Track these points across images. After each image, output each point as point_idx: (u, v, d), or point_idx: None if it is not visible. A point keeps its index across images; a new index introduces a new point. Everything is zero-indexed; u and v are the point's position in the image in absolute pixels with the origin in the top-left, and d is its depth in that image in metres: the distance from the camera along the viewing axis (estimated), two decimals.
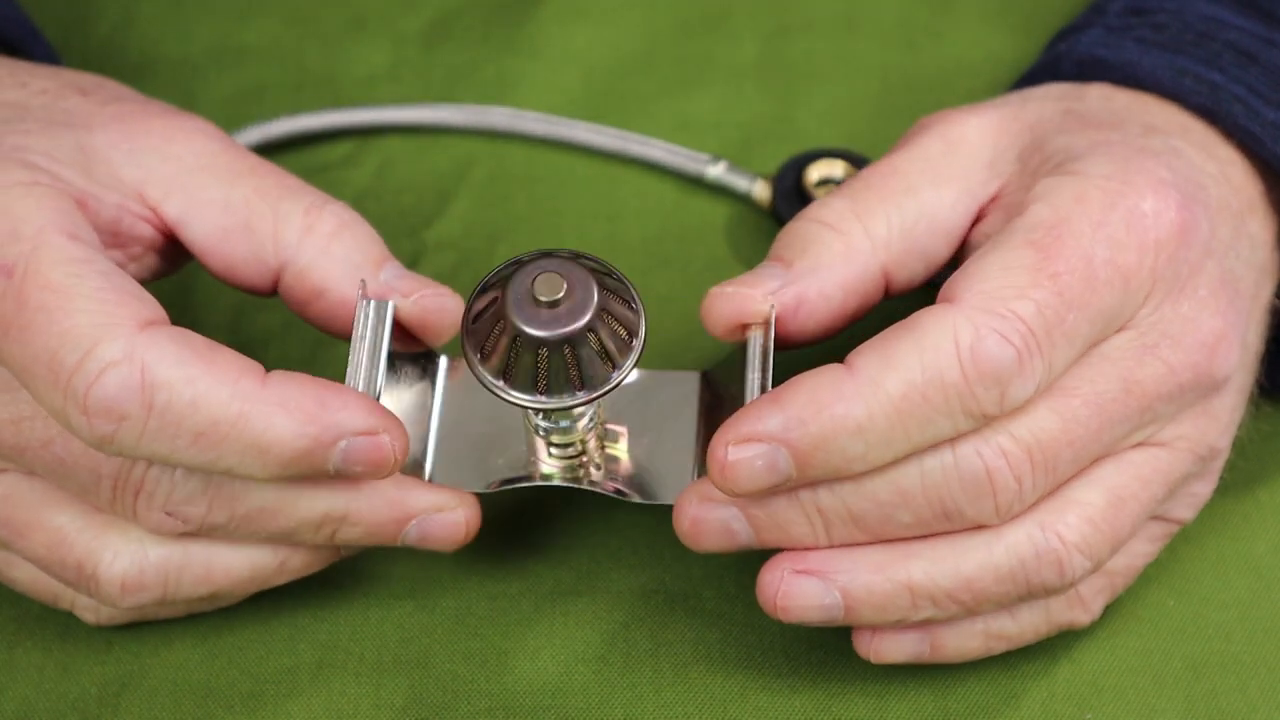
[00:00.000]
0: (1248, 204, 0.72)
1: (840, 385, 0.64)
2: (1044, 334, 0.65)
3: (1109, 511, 0.67)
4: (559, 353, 0.65)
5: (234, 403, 0.64)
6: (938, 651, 0.69)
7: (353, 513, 0.68)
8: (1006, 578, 0.67)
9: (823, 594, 0.67)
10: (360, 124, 0.84)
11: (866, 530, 0.66)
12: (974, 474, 0.65)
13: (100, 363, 0.64)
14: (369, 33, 0.87)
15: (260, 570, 0.69)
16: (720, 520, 0.67)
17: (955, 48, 0.86)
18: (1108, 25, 0.77)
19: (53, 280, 0.65)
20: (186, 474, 0.66)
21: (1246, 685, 0.72)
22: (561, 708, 0.71)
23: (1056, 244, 0.66)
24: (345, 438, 0.65)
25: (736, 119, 0.85)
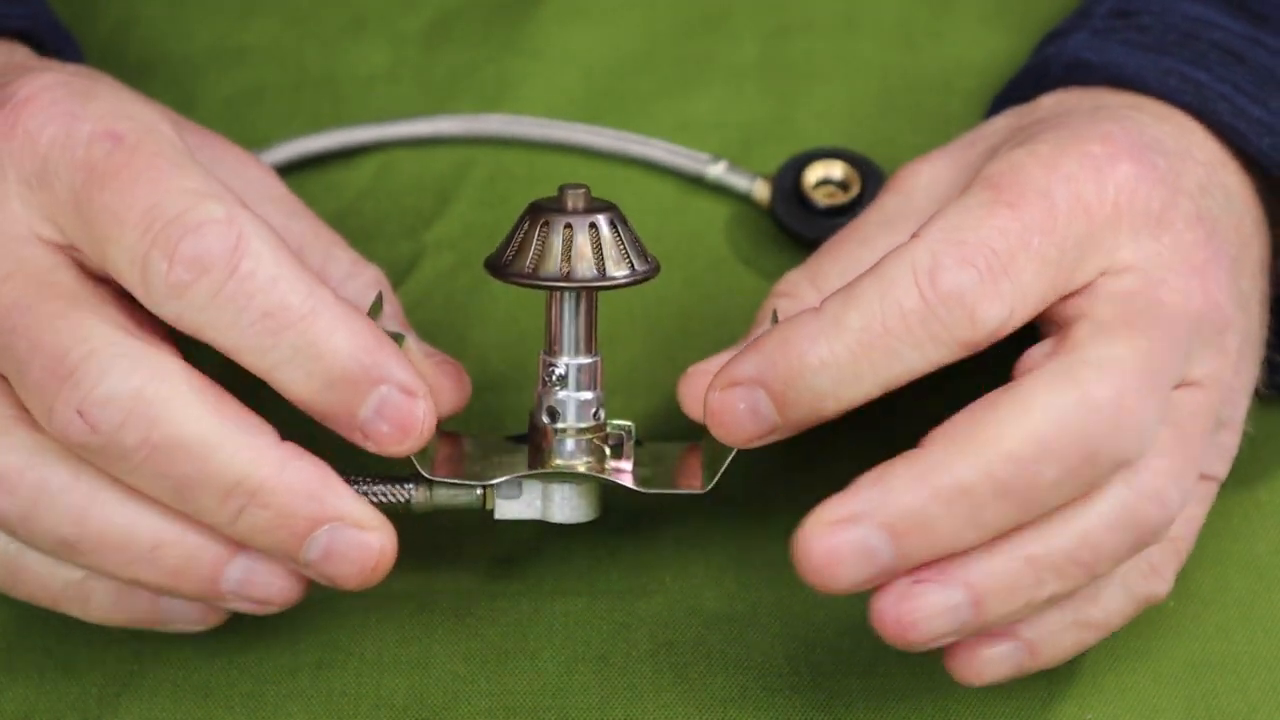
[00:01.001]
0: (1216, 159, 0.73)
1: (805, 325, 0.65)
2: (1007, 256, 0.65)
3: (1178, 444, 0.67)
4: (584, 231, 0.67)
5: (310, 299, 0.65)
6: (1036, 656, 0.68)
7: (270, 487, 0.65)
8: (1117, 524, 0.65)
9: (947, 596, 0.65)
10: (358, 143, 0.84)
11: (1014, 501, 0.64)
12: (1108, 401, 0.64)
13: (203, 216, 0.64)
14: (369, 33, 0.87)
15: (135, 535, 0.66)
16: (857, 542, 0.64)
17: (955, 48, 0.86)
18: (1093, 28, 0.77)
19: (163, 151, 0.66)
20: (121, 377, 0.64)
21: (1246, 685, 0.72)
22: (561, 708, 0.71)
23: (1013, 182, 0.67)
24: (389, 384, 0.65)
25: (736, 119, 0.85)
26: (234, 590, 0.66)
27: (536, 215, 0.68)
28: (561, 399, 0.69)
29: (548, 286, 0.68)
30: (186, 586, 0.66)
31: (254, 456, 0.65)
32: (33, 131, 0.67)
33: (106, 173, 0.65)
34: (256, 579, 0.66)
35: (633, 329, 0.79)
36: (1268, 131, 0.74)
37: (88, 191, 0.65)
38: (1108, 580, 0.68)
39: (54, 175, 0.66)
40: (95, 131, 0.66)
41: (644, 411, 0.77)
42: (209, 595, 0.66)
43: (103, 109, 0.67)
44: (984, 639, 0.67)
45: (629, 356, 0.78)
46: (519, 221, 0.68)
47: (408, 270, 0.80)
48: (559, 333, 0.69)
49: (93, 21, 0.87)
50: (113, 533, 0.65)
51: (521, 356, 0.78)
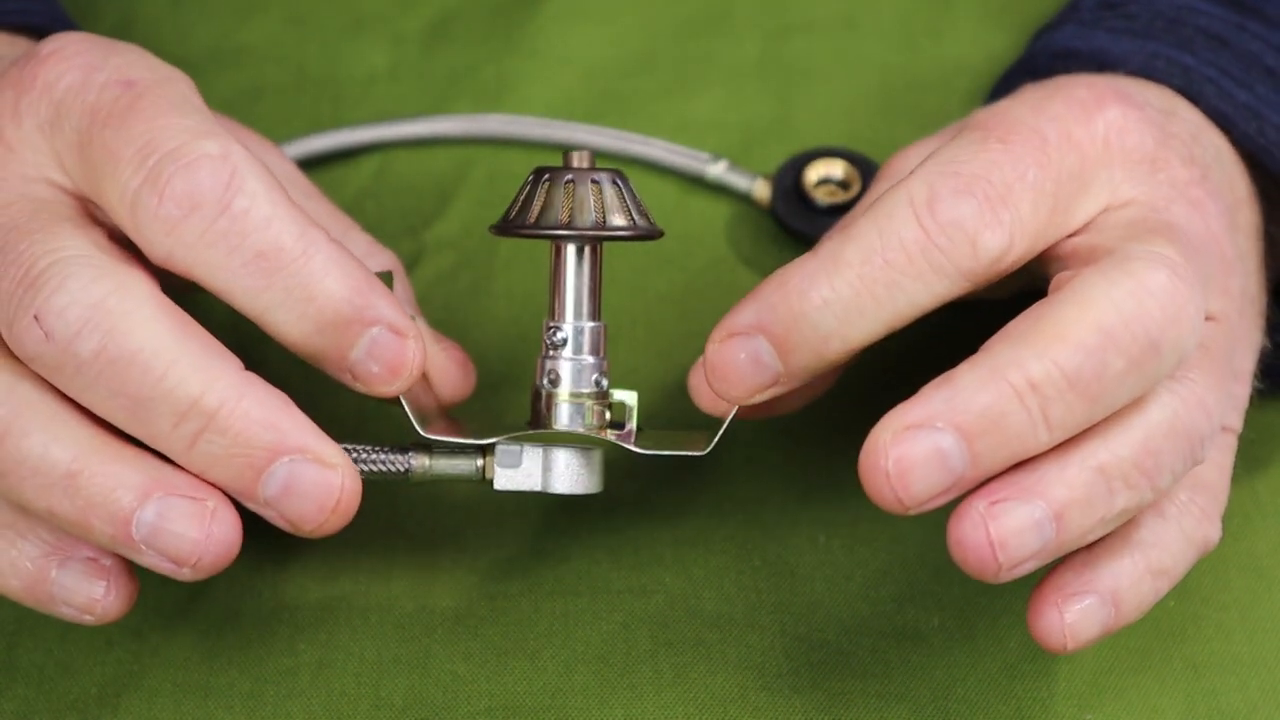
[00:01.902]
0: (1202, 123, 0.73)
1: (803, 265, 0.65)
2: (1004, 186, 0.65)
3: (1208, 360, 0.67)
4: (584, 184, 0.67)
5: (302, 240, 0.64)
6: (1120, 610, 0.67)
7: (226, 411, 0.63)
8: (1170, 431, 0.65)
9: (1030, 510, 0.63)
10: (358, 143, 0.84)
11: (1084, 393, 0.63)
12: (1163, 286, 0.64)
13: (197, 151, 0.64)
14: (368, 33, 0.87)
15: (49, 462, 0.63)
16: (929, 447, 0.63)
17: (955, 48, 0.86)
18: (1080, 20, 0.78)
19: (171, 97, 0.66)
20: (82, 285, 0.63)
21: (1246, 684, 0.72)
22: (561, 708, 0.71)
23: (1001, 122, 0.67)
24: (380, 325, 0.65)
25: (737, 119, 0.85)
26: (145, 537, 0.63)
27: (540, 174, 0.68)
28: (563, 362, 0.69)
29: (550, 235, 0.68)
30: (99, 525, 0.64)
31: (211, 379, 0.63)
32: (51, 81, 0.67)
33: (112, 114, 0.65)
34: (169, 527, 0.63)
35: (633, 328, 0.79)
36: (1254, 116, 0.74)
37: (90, 132, 0.65)
38: (1166, 525, 0.68)
39: (65, 119, 0.66)
40: (110, 79, 0.66)
41: (645, 408, 0.77)
42: (121, 540, 0.64)
43: (122, 61, 0.67)
44: (1069, 599, 0.66)
45: (629, 355, 0.78)
46: (524, 183, 0.68)
47: (408, 270, 0.80)
48: (562, 294, 0.69)
49: (93, 21, 0.87)
50: (30, 455, 0.64)
51: (522, 356, 0.78)
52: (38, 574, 0.66)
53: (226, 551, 0.64)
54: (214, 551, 0.64)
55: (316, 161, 0.84)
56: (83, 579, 0.66)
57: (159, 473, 0.64)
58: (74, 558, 0.66)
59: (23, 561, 0.66)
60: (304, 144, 0.83)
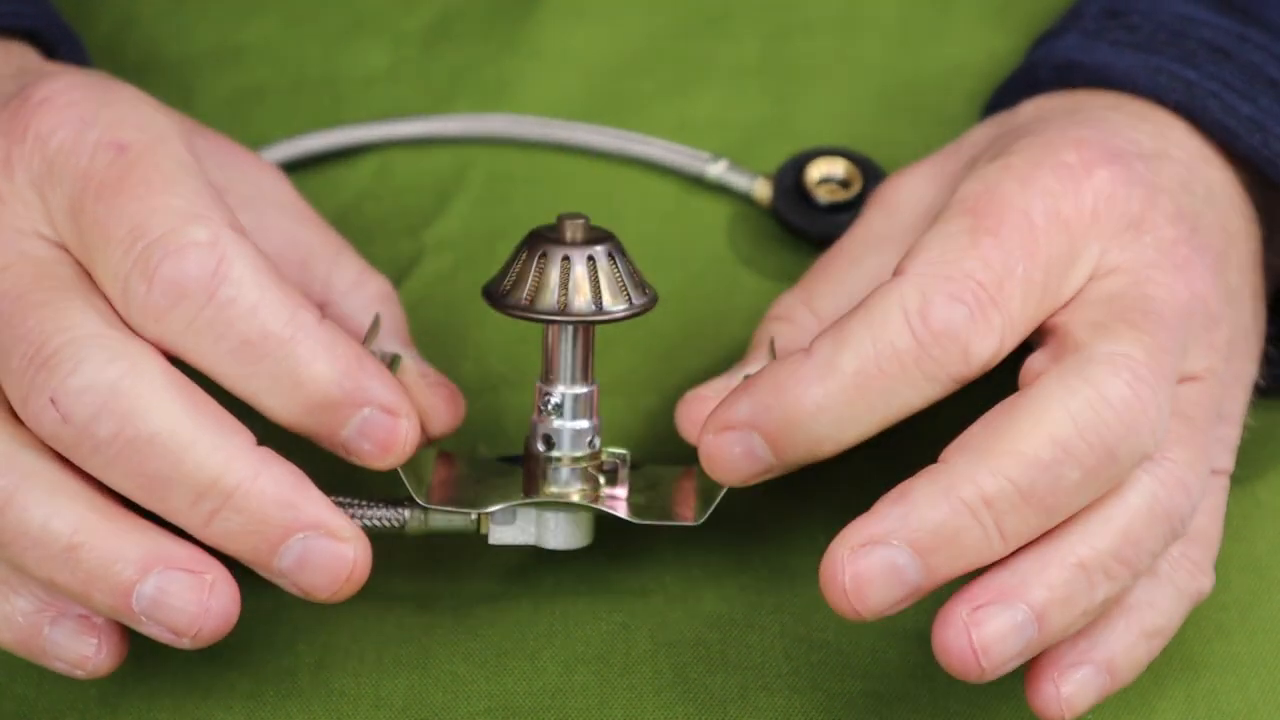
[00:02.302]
0: (1197, 156, 0.73)
1: (798, 369, 0.66)
2: (995, 287, 0.65)
3: (1189, 433, 0.67)
4: (582, 264, 0.67)
5: (289, 326, 0.64)
6: (1115, 676, 0.68)
7: (243, 491, 0.64)
8: (1149, 517, 0.65)
9: (1012, 614, 0.64)
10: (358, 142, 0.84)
11: (1038, 506, 0.64)
12: (1121, 396, 0.64)
13: (185, 239, 0.64)
14: (368, 33, 0.86)
15: (50, 533, 0.64)
16: (884, 562, 0.64)
17: (955, 48, 0.86)
18: (1084, 29, 0.77)
19: (162, 165, 0.66)
20: (98, 368, 0.63)
21: (1246, 684, 0.72)
22: (561, 708, 0.71)
23: (990, 205, 0.67)
24: (371, 406, 0.65)
25: (737, 119, 0.85)
26: (145, 609, 0.64)
27: (535, 245, 0.68)
28: (557, 428, 0.70)
29: (545, 320, 0.68)
30: (99, 596, 0.65)
31: (228, 459, 0.64)
32: (43, 135, 0.67)
33: (103, 184, 0.65)
34: (168, 601, 0.64)
35: (632, 330, 0.79)
36: (1257, 128, 0.74)
37: (82, 201, 0.66)
38: (1159, 585, 0.68)
39: (57, 181, 0.66)
40: (101, 140, 0.66)
41: (644, 411, 0.77)
42: (121, 610, 0.65)
43: (114, 117, 0.67)
44: (1063, 671, 0.67)
45: (629, 357, 0.78)
46: (517, 251, 0.68)
47: (408, 270, 0.80)
48: (555, 363, 0.69)
49: (92, 21, 0.87)
50: (31, 527, 0.64)
51: (521, 356, 0.78)
52: (30, 630, 0.67)
53: (225, 623, 0.65)
54: (212, 624, 0.65)
55: (316, 161, 0.84)
56: (74, 637, 0.67)
57: (159, 546, 0.65)
58: (66, 615, 0.67)
59: (16, 617, 0.67)
60: (303, 142, 0.83)
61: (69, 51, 0.78)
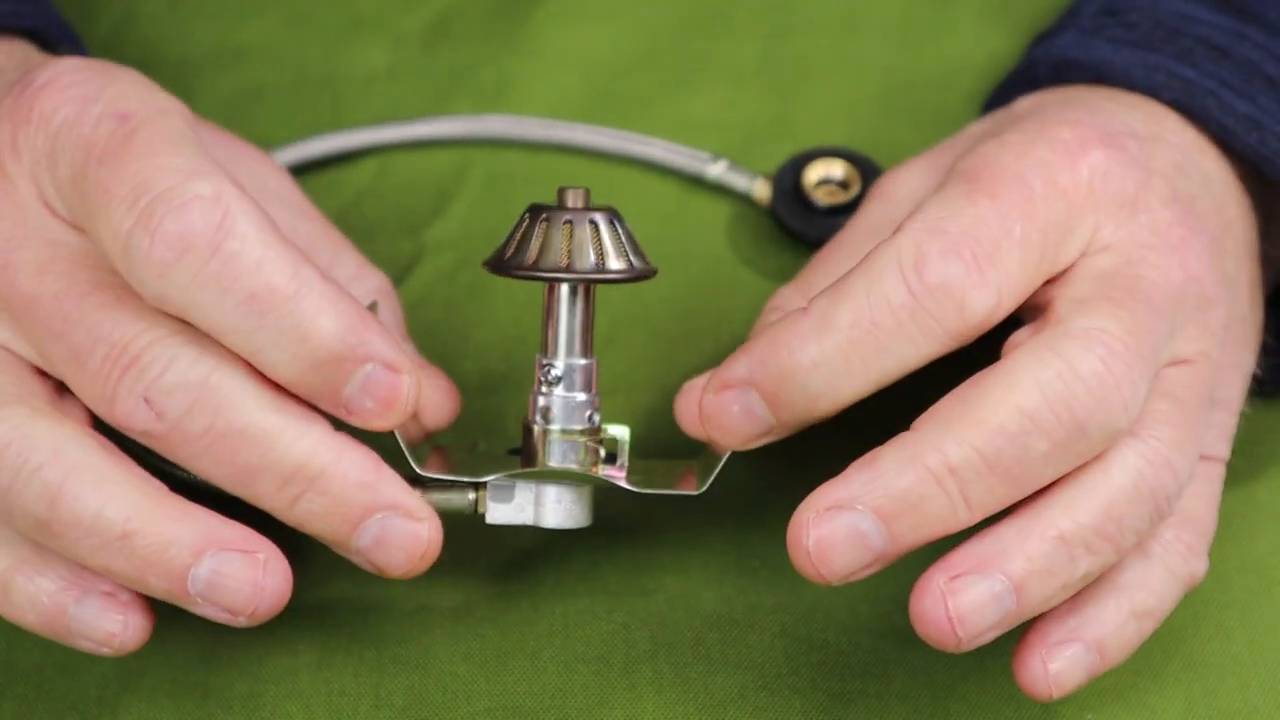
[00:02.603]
0: (1192, 144, 0.73)
1: (795, 325, 0.66)
2: (991, 244, 0.66)
3: (1178, 413, 0.67)
4: (583, 226, 0.67)
5: (294, 281, 0.65)
6: (1104, 655, 0.68)
7: (327, 475, 0.66)
8: (1134, 494, 0.66)
9: (990, 584, 0.65)
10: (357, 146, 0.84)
11: (1004, 476, 0.64)
12: (1093, 370, 0.65)
13: (189, 193, 0.64)
14: (368, 33, 0.87)
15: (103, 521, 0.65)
16: (847, 528, 0.65)
17: (955, 48, 0.86)
18: (1081, 27, 0.77)
19: (165, 132, 0.66)
20: (187, 365, 0.65)
21: (1246, 685, 0.72)
22: (561, 708, 0.71)
23: (987, 172, 0.67)
24: (374, 361, 0.65)
25: (736, 119, 0.85)
26: (201, 591, 0.65)
27: (536, 213, 0.68)
28: (556, 400, 0.69)
29: (548, 278, 0.68)
30: (155, 581, 0.65)
31: (313, 445, 0.66)
32: (47, 114, 0.67)
33: (106, 150, 0.65)
34: (223, 582, 0.65)
35: (633, 329, 0.79)
36: (1255, 126, 0.74)
37: (85, 168, 0.66)
38: (1151, 567, 0.68)
39: (61, 154, 0.66)
40: (105, 112, 0.66)
41: (644, 411, 0.77)
42: (176, 593, 0.66)
43: (117, 92, 0.67)
44: (1053, 649, 0.67)
45: (629, 356, 0.78)
46: (519, 220, 0.69)
47: (408, 270, 0.80)
48: (556, 331, 0.69)
49: (93, 21, 0.87)
50: (84, 516, 0.65)
51: (521, 356, 0.78)
52: (54, 609, 0.67)
53: (279, 600, 0.66)
54: (268, 601, 0.66)
55: (316, 164, 0.84)
56: (100, 614, 0.67)
57: (211, 529, 0.66)
58: (91, 592, 0.67)
59: (40, 597, 0.67)
60: (303, 148, 0.83)
61: (69, 50, 0.78)
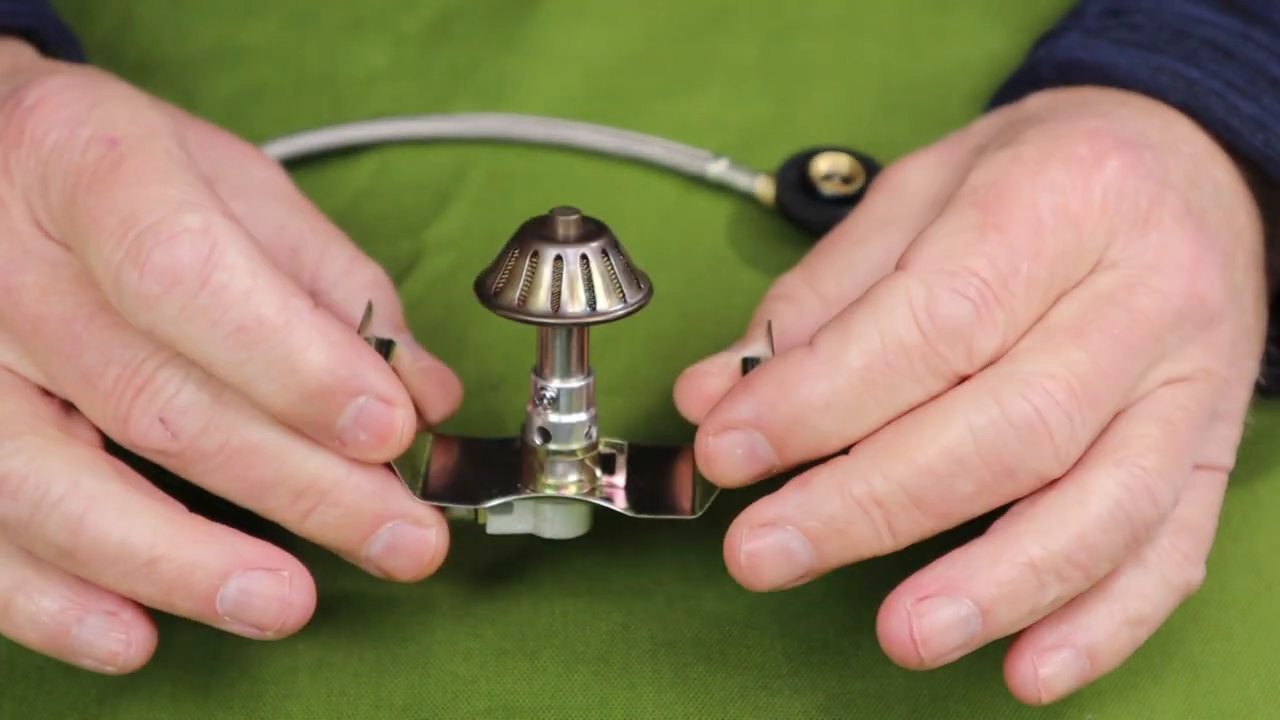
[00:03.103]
0: (1204, 153, 0.73)
1: (803, 365, 0.66)
2: (999, 285, 0.66)
3: (1167, 439, 0.67)
4: (575, 263, 0.66)
5: (284, 313, 0.64)
6: (1096, 661, 0.68)
7: (340, 488, 0.66)
8: (1110, 524, 0.66)
9: (956, 609, 0.65)
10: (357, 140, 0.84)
11: (931, 511, 0.65)
12: (1026, 419, 0.65)
13: (177, 227, 0.64)
14: (368, 33, 0.87)
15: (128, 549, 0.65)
16: (778, 545, 0.66)
17: (955, 48, 0.86)
18: (1085, 28, 0.77)
19: (154, 158, 0.66)
20: (198, 385, 0.65)
21: (1246, 685, 0.72)
22: (561, 708, 0.71)
23: (998, 199, 0.67)
24: (366, 395, 0.65)
25: (737, 119, 0.85)
26: (230, 611, 0.66)
27: (526, 243, 0.67)
28: (553, 421, 0.69)
29: (537, 323, 0.67)
30: (182, 603, 0.66)
31: (325, 460, 0.66)
32: (38, 138, 0.67)
33: (95, 177, 0.65)
34: (251, 601, 0.66)
35: (632, 328, 0.79)
36: (1260, 128, 0.74)
37: (74, 196, 0.66)
38: (1146, 574, 0.68)
39: (51, 179, 0.66)
40: (93, 136, 0.66)
41: (644, 411, 0.77)
42: (204, 614, 0.66)
43: (106, 113, 0.67)
44: (1044, 654, 0.67)
45: (628, 356, 0.78)
46: (509, 247, 0.67)
47: (407, 270, 0.80)
48: (551, 358, 0.69)
49: (92, 21, 0.87)
50: (108, 546, 0.65)
51: (521, 356, 0.78)
52: (57, 629, 0.67)
53: (305, 614, 0.67)
54: (295, 616, 0.67)
55: (316, 160, 0.84)
56: (102, 634, 0.67)
57: (235, 549, 0.66)
58: (93, 612, 0.67)
59: (41, 617, 0.67)
60: (302, 140, 0.83)
61: (65, 50, 0.78)
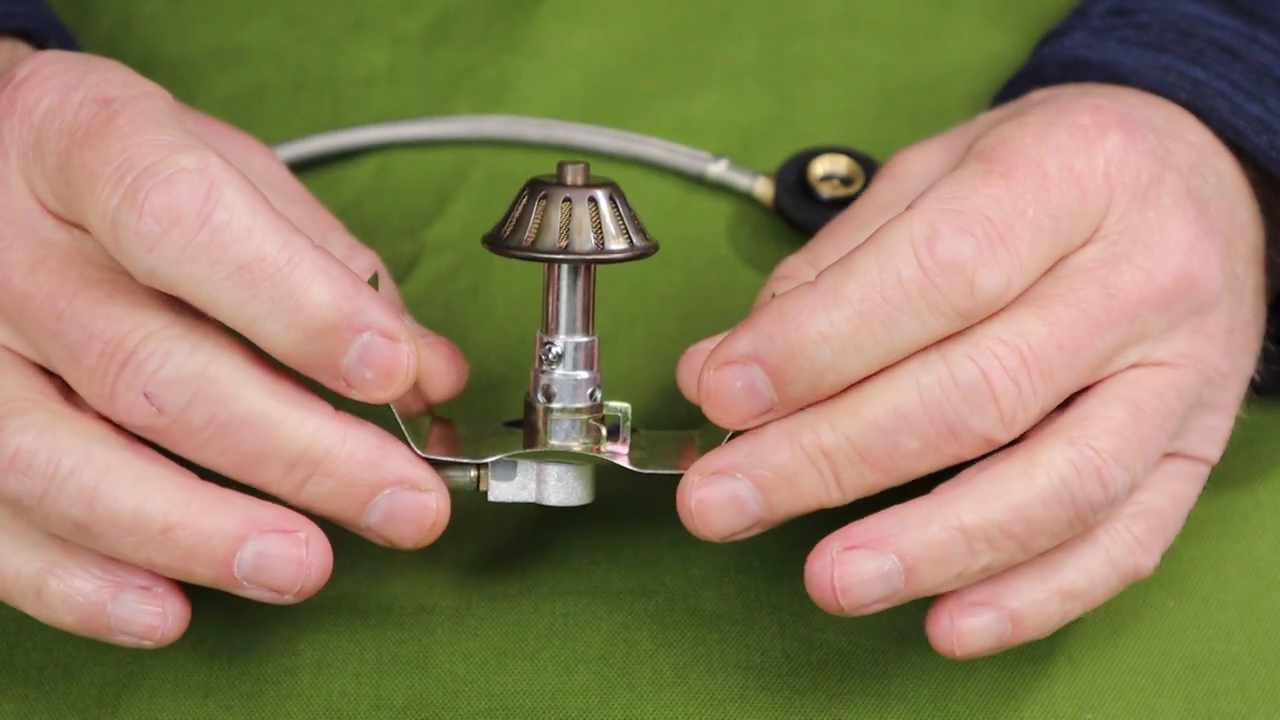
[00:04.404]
0: (1208, 145, 0.73)
1: (803, 298, 0.66)
2: (1004, 224, 0.66)
3: (1131, 423, 0.67)
4: (582, 204, 0.67)
5: (286, 249, 0.64)
6: (1019, 627, 0.68)
7: (332, 457, 0.66)
8: (1053, 500, 0.66)
9: (880, 562, 0.66)
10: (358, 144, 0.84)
11: (877, 465, 0.66)
12: (971, 380, 0.66)
13: (174, 166, 0.64)
14: (368, 33, 0.87)
15: (144, 518, 0.65)
16: (727, 494, 0.67)
17: (955, 48, 0.86)
18: (1091, 27, 0.77)
19: (148, 112, 0.66)
20: (184, 356, 0.65)
21: (1246, 685, 0.72)
22: (561, 708, 0.71)
23: (1004, 152, 0.67)
24: (371, 330, 0.65)
25: (736, 119, 0.85)
26: (248, 575, 0.66)
27: (535, 189, 0.68)
28: (558, 378, 0.69)
29: (546, 259, 0.68)
30: (200, 570, 0.66)
31: (316, 429, 0.66)
32: (30, 106, 0.67)
33: (90, 133, 0.65)
34: (269, 564, 0.66)
35: (633, 328, 0.79)
36: (1265, 129, 0.74)
37: (69, 154, 0.65)
38: (1091, 550, 0.69)
39: (45, 143, 0.66)
40: (87, 97, 0.66)
41: (644, 410, 0.77)
42: (222, 580, 0.66)
43: (99, 78, 0.67)
44: (965, 609, 0.68)
45: (629, 356, 0.78)
46: (518, 196, 0.68)
47: (408, 270, 0.80)
48: (556, 310, 0.69)
49: (92, 21, 0.87)
50: (123, 515, 0.65)
51: (521, 357, 0.78)
52: (92, 609, 0.67)
53: (323, 575, 0.67)
54: (314, 578, 0.67)
55: (316, 161, 0.84)
56: (138, 608, 0.67)
57: (250, 512, 0.66)
58: (126, 588, 0.67)
59: (75, 597, 0.67)
60: (303, 145, 0.83)
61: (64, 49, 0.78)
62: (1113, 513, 0.68)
